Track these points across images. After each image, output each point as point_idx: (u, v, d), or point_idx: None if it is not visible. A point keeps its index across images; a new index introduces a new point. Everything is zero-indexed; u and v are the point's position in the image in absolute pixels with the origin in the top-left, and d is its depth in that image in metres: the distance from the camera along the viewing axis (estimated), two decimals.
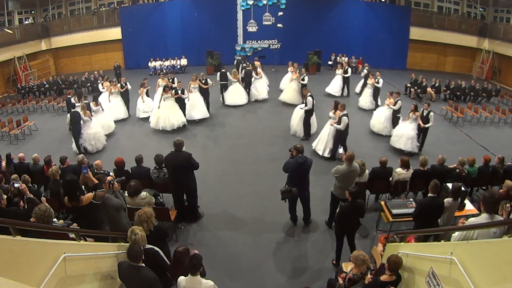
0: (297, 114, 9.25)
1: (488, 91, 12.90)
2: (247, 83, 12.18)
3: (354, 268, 3.55)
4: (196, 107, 10.39)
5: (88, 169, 4.11)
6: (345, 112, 7.51)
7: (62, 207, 5.06)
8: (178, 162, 5.25)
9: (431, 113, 8.02)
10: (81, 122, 8.35)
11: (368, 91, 11.51)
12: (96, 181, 4.00)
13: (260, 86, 12.46)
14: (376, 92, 11.29)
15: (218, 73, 12.07)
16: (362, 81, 12.74)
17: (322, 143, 8.06)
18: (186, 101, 10.11)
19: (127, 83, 10.90)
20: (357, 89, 13.16)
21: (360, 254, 3.48)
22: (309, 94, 8.73)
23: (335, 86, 13.04)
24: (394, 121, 9.15)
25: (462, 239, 3.12)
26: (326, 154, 7.98)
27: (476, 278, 2.31)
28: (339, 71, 13.04)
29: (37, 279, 2.34)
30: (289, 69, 12.94)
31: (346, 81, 12.91)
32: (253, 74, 12.21)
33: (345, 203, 4.60)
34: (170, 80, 11.15)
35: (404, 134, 8.19)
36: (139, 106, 10.83)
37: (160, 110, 9.62)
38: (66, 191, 3.88)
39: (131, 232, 3.23)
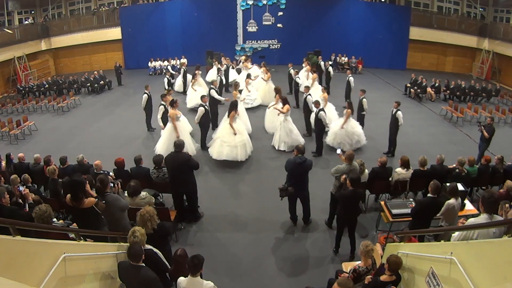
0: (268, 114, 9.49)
1: (488, 91, 12.90)
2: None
3: (361, 261, 3.65)
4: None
5: (87, 182, 4.00)
6: (320, 107, 8.01)
7: (62, 207, 5.06)
8: (177, 163, 5.24)
9: (399, 112, 7.70)
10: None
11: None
12: (95, 195, 3.99)
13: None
14: (348, 90, 11.00)
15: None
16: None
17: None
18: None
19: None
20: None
21: (366, 242, 3.64)
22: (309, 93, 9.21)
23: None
24: (359, 119, 8.89)
25: (462, 239, 3.12)
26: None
27: (476, 278, 2.31)
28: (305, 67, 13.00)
29: (37, 279, 2.34)
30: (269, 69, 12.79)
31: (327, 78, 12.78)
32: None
33: (345, 191, 4.62)
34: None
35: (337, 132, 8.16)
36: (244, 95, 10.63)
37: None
38: (70, 190, 3.86)
39: (132, 233, 3.23)
